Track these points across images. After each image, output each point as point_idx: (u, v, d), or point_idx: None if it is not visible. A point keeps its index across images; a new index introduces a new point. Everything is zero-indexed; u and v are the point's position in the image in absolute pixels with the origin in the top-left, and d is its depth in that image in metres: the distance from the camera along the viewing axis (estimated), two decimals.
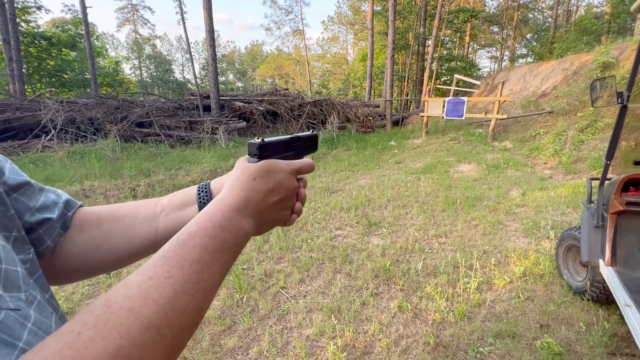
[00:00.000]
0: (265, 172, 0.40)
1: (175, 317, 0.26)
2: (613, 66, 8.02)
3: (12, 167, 0.42)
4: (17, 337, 0.27)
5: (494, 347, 1.98)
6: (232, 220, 0.36)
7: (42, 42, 18.16)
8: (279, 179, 0.41)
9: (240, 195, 0.38)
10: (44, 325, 0.32)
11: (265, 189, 0.40)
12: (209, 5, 10.78)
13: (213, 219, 0.35)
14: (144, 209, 0.49)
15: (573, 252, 2.54)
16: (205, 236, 0.33)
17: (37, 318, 0.31)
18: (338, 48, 44.51)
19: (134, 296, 0.26)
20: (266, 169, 0.41)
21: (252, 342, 2.08)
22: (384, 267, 2.85)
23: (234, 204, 0.37)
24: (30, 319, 0.30)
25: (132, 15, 40.23)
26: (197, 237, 0.33)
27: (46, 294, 0.38)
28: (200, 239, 0.33)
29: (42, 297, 0.35)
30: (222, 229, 0.34)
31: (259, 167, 0.40)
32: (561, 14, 26.30)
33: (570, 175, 5.86)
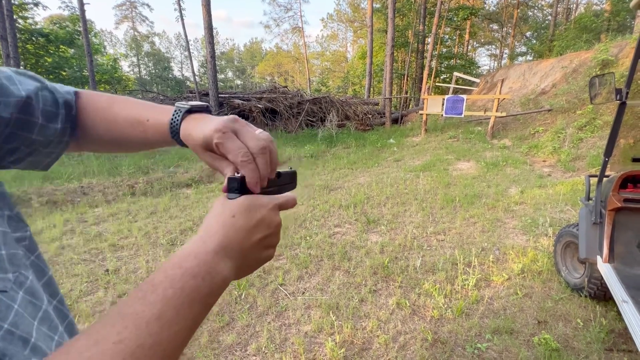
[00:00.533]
0: (246, 208, 0.37)
1: None
2: (612, 64, 8.01)
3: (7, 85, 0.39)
4: (3, 317, 0.27)
5: (492, 343, 1.98)
6: (206, 265, 0.32)
7: (39, 39, 18.05)
8: (261, 215, 0.38)
9: (218, 235, 0.34)
10: (30, 307, 0.31)
11: (247, 227, 0.36)
12: (207, 2, 10.73)
13: (183, 265, 0.31)
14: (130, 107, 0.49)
15: (571, 249, 2.55)
16: (170, 287, 0.29)
17: (23, 299, 0.30)
18: (337, 46, 44.42)
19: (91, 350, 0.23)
20: (247, 204, 0.37)
21: (250, 338, 2.09)
22: (382, 264, 2.86)
23: (211, 246, 0.33)
24: (17, 300, 0.29)
25: (131, 12, 40.02)
26: (161, 289, 0.28)
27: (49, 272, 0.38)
28: (163, 291, 0.28)
29: (37, 277, 0.35)
30: (192, 276, 0.30)
31: (239, 203, 0.37)
32: (561, 12, 26.26)
33: (569, 173, 5.87)
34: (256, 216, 0.37)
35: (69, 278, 2.81)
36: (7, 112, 0.38)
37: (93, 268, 2.98)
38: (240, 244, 0.36)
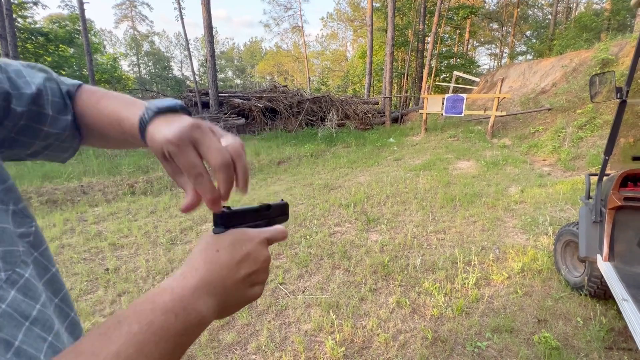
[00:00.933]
0: (231, 243, 0.35)
1: None
2: (612, 63, 8.01)
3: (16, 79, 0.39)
4: None
5: (492, 341, 1.98)
6: (182, 302, 0.29)
7: (39, 38, 18.04)
8: (247, 249, 0.36)
9: (200, 271, 0.32)
10: (22, 308, 0.29)
11: (232, 262, 0.34)
12: (207, 1, 10.72)
13: (156, 300, 0.29)
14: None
15: (571, 248, 2.55)
16: (136, 323, 0.26)
17: (14, 299, 0.29)
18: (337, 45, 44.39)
19: None
20: (232, 239, 0.35)
21: (250, 337, 2.09)
22: (382, 262, 2.86)
23: (191, 281, 0.31)
24: (6, 300, 0.28)
25: (130, 12, 39.96)
26: (126, 325, 0.26)
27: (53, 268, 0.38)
28: (128, 327, 0.26)
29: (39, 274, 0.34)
30: (164, 312, 0.28)
31: (223, 237, 0.35)
32: (561, 11, 26.24)
33: (569, 172, 5.87)
34: (241, 251, 0.35)
35: (69, 277, 2.81)
36: (20, 105, 0.38)
37: (93, 267, 2.98)
38: (223, 280, 0.33)
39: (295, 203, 4.68)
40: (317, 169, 6.98)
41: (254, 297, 0.38)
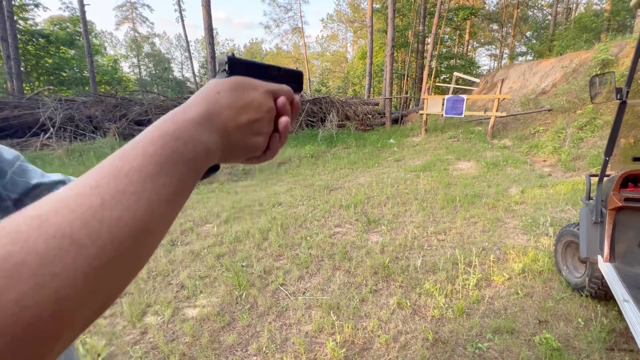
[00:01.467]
0: (233, 87, 0.34)
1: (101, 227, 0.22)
2: (612, 63, 8.01)
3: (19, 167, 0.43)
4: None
5: (493, 342, 1.98)
6: (187, 131, 0.30)
7: (40, 40, 18.10)
8: (250, 96, 0.35)
9: (200, 107, 0.32)
10: None
11: (233, 105, 0.34)
12: (207, 3, 10.74)
13: (162, 127, 0.29)
14: None
15: (572, 249, 2.54)
16: (150, 145, 0.27)
17: None
18: (337, 46, 44.44)
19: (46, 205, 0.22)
20: (235, 83, 0.35)
21: (251, 338, 2.09)
22: (383, 264, 2.86)
23: (192, 115, 0.31)
24: None
25: (131, 13, 40.06)
26: (141, 147, 0.27)
27: None
28: (143, 148, 0.27)
29: None
30: (173, 137, 0.28)
31: (226, 80, 0.35)
32: (561, 12, 26.26)
33: (569, 172, 5.87)
34: (244, 97, 0.34)
35: None
36: None
37: None
38: (224, 121, 0.33)
39: (295, 204, 4.68)
40: (317, 170, 6.98)
41: (256, 147, 0.37)
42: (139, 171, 0.25)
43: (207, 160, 0.31)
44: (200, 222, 4.09)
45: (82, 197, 0.23)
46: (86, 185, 0.24)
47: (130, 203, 0.24)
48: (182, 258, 3.14)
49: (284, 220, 3.99)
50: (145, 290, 2.63)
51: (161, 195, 0.26)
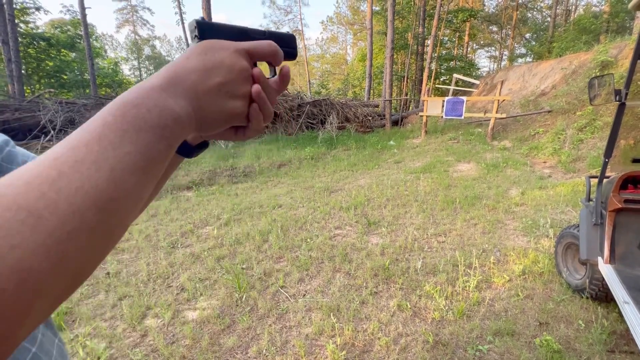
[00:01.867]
0: (201, 50, 0.33)
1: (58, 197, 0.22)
2: (612, 65, 8.03)
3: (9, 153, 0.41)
4: None
5: (493, 345, 1.98)
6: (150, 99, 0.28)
7: (41, 43, 18.17)
8: (219, 57, 0.33)
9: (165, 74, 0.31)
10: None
11: (200, 68, 0.32)
12: (208, 6, 10.80)
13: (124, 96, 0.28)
14: None
15: (572, 250, 2.54)
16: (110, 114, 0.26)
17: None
18: (337, 48, 44.54)
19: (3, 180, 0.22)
20: (203, 46, 0.33)
21: (251, 341, 2.08)
22: (383, 266, 2.85)
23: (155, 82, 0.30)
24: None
25: (132, 16, 40.21)
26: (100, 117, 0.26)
27: None
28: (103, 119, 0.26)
29: None
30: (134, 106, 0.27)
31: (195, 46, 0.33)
32: (560, 14, 26.33)
33: (569, 174, 5.87)
34: (212, 58, 0.33)
35: None
36: None
37: None
38: (193, 85, 0.31)
39: (296, 206, 4.68)
40: (317, 172, 6.98)
41: (235, 111, 0.35)
42: (99, 140, 0.25)
43: (177, 128, 0.29)
44: (200, 225, 4.09)
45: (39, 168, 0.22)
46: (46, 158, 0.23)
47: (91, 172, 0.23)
48: (182, 260, 3.14)
49: (284, 222, 3.99)
50: (145, 293, 2.62)
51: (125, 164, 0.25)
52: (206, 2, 10.73)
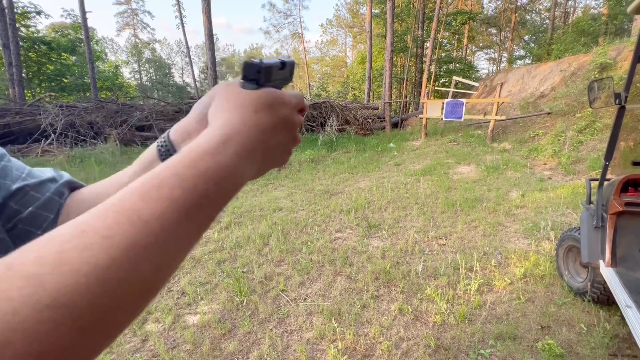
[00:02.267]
0: (269, 105, 0.32)
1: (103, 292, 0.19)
2: (611, 67, 8.05)
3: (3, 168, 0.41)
4: None
5: (495, 349, 1.97)
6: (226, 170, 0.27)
7: (41, 47, 18.24)
8: (283, 114, 0.33)
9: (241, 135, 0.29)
10: None
11: (270, 126, 0.31)
12: (208, 10, 10.84)
13: (198, 165, 0.26)
14: (117, 181, 0.46)
15: (573, 253, 2.54)
16: (178, 188, 0.24)
17: None
18: (337, 51, 44.69)
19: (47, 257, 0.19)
20: (269, 100, 0.32)
21: (252, 345, 2.08)
22: (384, 269, 2.85)
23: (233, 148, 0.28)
24: None
25: (132, 20, 40.39)
26: (167, 188, 0.24)
27: None
28: (169, 191, 0.24)
29: None
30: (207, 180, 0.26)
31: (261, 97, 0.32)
32: (558, 16, 26.43)
33: (569, 176, 5.87)
34: (279, 115, 0.32)
35: None
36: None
37: None
38: (264, 147, 0.31)
39: (296, 209, 4.67)
40: (317, 174, 6.99)
41: (285, 162, 0.37)
42: (160, 219, 0.23)
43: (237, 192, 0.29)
44: None
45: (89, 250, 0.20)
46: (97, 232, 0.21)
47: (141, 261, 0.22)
48: (182, 264, 3.14)
49: (284, 225, 3.99)
50: None
51: (179, 246, 0.24)
52: (206, 5, 10.78)
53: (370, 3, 16.95)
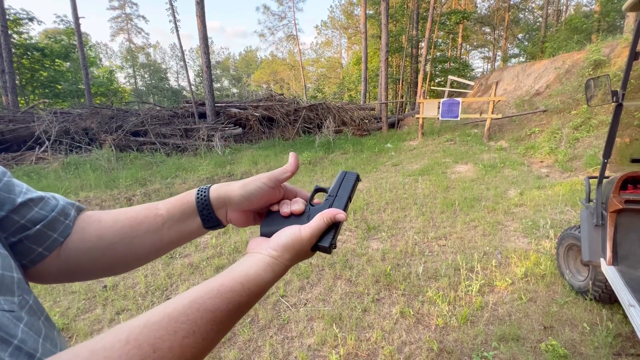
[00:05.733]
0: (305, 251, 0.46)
1: None
2: (605, 64, 8.10)
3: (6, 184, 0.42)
4: (12, 334, 0.30)
5: (499, 351, 1.95)
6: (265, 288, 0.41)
7: (34, 54, 18.10)
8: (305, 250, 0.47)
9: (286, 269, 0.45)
10: (35, 326, 0.34)
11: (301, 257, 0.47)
12: (202, 13, 10.81)
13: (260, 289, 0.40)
14: (144, 220, 0.48)
15: (574, 252, 2.53)
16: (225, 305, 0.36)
17: (28, 320, 0.34)
18: (332, 52, 44.78)
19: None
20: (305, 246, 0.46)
21: (252, 353, 2.04)
22: (384, 272, 2.82)
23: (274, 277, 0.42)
24: (23, 320, 0.33)
25: (126, 25, 40.27)
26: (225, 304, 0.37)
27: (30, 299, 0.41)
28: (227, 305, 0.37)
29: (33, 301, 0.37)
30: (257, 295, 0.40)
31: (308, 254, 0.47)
32: (551, 14, 26.63)
33: (566, 173, 5.88)
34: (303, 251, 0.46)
35: (67, 295, 2.75)
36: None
37: (91, 284, 2.93)
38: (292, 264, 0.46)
39: None
40: (315, 176, 6.96)
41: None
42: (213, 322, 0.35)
43: None
44: None
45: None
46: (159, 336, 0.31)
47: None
48: (180, 271, 3.10)
49: None
50: (143, 306, 2.58)
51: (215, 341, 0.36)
52: (200, 10, 10.75)
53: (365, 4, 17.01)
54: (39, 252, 0.43)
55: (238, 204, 0.49)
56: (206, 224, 0.49)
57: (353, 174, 0.54)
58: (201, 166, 7.59)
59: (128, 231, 0.47)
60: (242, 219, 0.51)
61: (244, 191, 0.48)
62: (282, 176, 0.49)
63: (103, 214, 0.49)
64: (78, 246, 0.46)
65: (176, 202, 0.50)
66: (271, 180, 0.49)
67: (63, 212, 0.46)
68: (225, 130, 10.38)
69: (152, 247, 0.48)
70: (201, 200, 0.49)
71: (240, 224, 0.51)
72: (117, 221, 0.48)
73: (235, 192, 0.48)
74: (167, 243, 0.49)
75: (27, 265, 0.43)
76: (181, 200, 0.50)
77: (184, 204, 0.49)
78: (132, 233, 0.47)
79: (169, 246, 0.50)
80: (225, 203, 0.49)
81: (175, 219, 0.48)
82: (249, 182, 0.48)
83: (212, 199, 0.49)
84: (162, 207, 0.49)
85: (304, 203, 0.49)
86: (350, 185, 0.52)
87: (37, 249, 0.43)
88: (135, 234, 0.47)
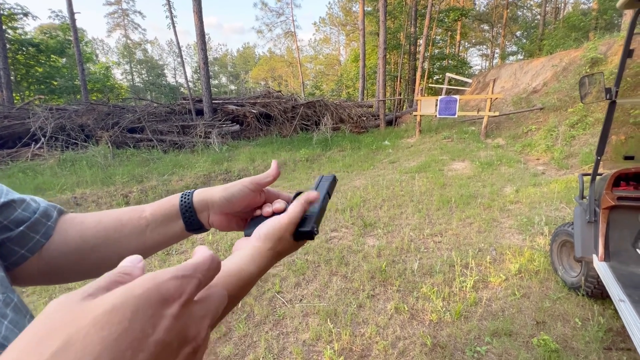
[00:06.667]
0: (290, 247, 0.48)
1: None
2: (602, 62, 8.12)
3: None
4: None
5: (491, 345, 1.97)
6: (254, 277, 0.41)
7: (29, 49, 17.91)
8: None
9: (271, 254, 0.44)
10: (20, 324, 0.34)
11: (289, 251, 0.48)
12: (199, 9, 10.74)
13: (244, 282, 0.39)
14: (128, 222, 0.49)
15: (567, 248, 2.55)
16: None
17: (13, 317, 0.34)
18: (330, 49, 44.61)
19: None
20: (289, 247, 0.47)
21: (248, 349, 2.05)
22: (379, 268, 2.84)
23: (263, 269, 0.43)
24: (7, 317, 0.33)
25: (123, 20, 39.89)
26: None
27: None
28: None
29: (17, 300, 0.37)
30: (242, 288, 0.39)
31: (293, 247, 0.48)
32: (549, 11, 26.65)
33: (562, 170, 5.92)
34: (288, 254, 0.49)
35: (63, 291, 2.75)
36: None
37: (87, 281, 2.93)
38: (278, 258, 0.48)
39: None
40: (312, 173, 6.96)
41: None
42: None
43: None
44: None
45: None
46: None
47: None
48: None
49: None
50: None
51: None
52: (197, 5, 10.67)
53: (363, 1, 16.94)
54: (21, 253, 0.43)
55: (220, 206, 0.50)
56: (189, 227, 0.50)
57: (330, 175, 0.56)
58: (198, 163, 7.57)
59: (112, 233, 0.48)
60: (224, 222, 0.51)
61: (225, 193, 0.49)
62: (263, 180, 0.50)
63: (86, 216, 0.50)
64: (60, 248, 0.46)
65: (161, 205, 0.50)
66: (252, 183, 0.49)
67: (45, 214, 0.46)
68: (222, 127, 10.35)
69: (136, 249, 0.49)
70: (185, 204, 0.49)
71: (222, 227, 0.52)
72: (101, 222, 0.48)
73: (217, 194, 0.49)
74: (150, 245, 0.50)
75: (8, 267, 0.42)
76: (166, 203, 0.50)
77: (168, 207, 0.50)
78: (115, 235, 0.48)
79: (152, 249, 0.50)
80: (208, 206, 0.50)
81: (158, 222, 0.49)
82: (231, 185, 0.50)
83: (195, 202, 0.50)
84: (148, 210, 0.50)
85: (285, 203, 0.50)
86: (328, 184, 0.54)
87: (19, 251, 0.43)
88: (118, 236, 0.48)
